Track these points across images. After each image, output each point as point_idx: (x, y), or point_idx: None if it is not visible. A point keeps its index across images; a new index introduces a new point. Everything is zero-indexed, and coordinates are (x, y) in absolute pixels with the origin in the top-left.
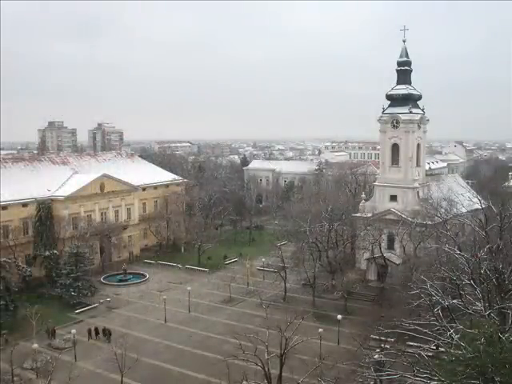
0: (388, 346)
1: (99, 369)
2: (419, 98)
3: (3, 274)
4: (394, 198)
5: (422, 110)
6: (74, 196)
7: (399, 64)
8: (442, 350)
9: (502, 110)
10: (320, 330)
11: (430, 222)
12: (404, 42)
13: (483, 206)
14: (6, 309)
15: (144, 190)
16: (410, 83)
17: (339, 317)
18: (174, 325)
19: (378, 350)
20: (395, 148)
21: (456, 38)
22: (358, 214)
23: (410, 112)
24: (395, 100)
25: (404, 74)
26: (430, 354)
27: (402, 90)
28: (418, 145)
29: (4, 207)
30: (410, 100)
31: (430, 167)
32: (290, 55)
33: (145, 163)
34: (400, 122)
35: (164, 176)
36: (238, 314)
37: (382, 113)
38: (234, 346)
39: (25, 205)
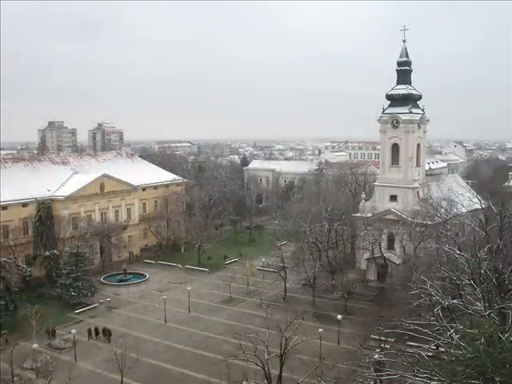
0: (388, 346)
1: (99, 369)
2: (419, 98)
3: (3, 274)
4: (394, 198)
5: (422, 110)
6: (73, 196)
7: (399, 64)
8: (442, 350)
9: (502, 110)
10: (320, 330)
11: (430, 222)
12: (404, 42)
13: (483, 206)
14: (5, 309)
15: (144, 189)
16: (409, 83)
17: (339, 317)
18: (173, 325)
19: (378, 350)
20: (395, 148)
21: (456, 38)
22: (358, 214)
23: (410, 112)
24: (395, 100)
25: (404, 74)
26: (430, 354)
27: (402, 90)
28: (418, 145)
29: (4, 207)
30: (410, 100)
31: (430, 167)
32: (290, 55)
33: (145, 163)
34: (400, 122)
35: (164, 176)
36: (237, 313)
37: (382, 113)
38: (234, 346)
39: (25, 205)
